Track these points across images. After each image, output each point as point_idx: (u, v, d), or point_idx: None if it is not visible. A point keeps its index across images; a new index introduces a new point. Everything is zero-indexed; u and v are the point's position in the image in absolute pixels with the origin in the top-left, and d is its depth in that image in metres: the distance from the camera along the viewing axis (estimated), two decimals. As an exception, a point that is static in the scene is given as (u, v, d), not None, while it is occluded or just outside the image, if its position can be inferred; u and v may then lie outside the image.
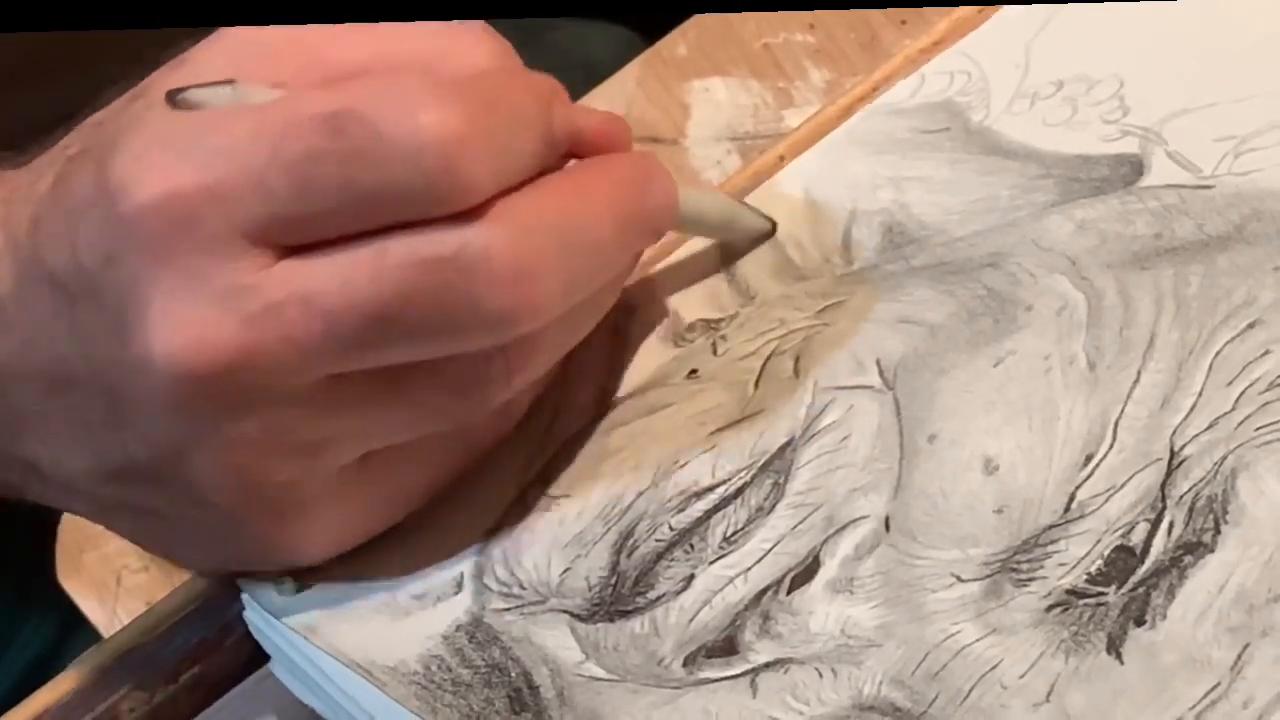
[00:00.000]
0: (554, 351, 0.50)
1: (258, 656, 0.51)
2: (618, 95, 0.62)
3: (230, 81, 0.47)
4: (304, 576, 0.51)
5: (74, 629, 0.75)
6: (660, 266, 0.56)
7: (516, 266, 0.46)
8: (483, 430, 0.51)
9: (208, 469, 0.47)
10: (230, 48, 0.48)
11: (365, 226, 0.46)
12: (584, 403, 0.53)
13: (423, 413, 0.48)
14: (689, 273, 0.55)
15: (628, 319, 0.55)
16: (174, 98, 0.47)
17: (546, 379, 0.52)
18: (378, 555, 0.51)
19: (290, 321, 0.45)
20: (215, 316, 0.45)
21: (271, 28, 0.48)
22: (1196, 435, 0.49)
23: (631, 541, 0.50)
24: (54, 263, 0.47)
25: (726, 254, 0.55)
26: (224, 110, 0.46)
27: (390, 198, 0.45)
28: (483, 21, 0.49)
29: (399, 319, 0.46)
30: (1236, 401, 0.49)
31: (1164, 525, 0.48)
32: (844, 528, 0.49)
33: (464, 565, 0.51)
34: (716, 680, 0.47)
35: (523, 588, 0.50)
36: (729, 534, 0.50)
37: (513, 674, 0.48)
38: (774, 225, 0.55)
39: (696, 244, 0.56)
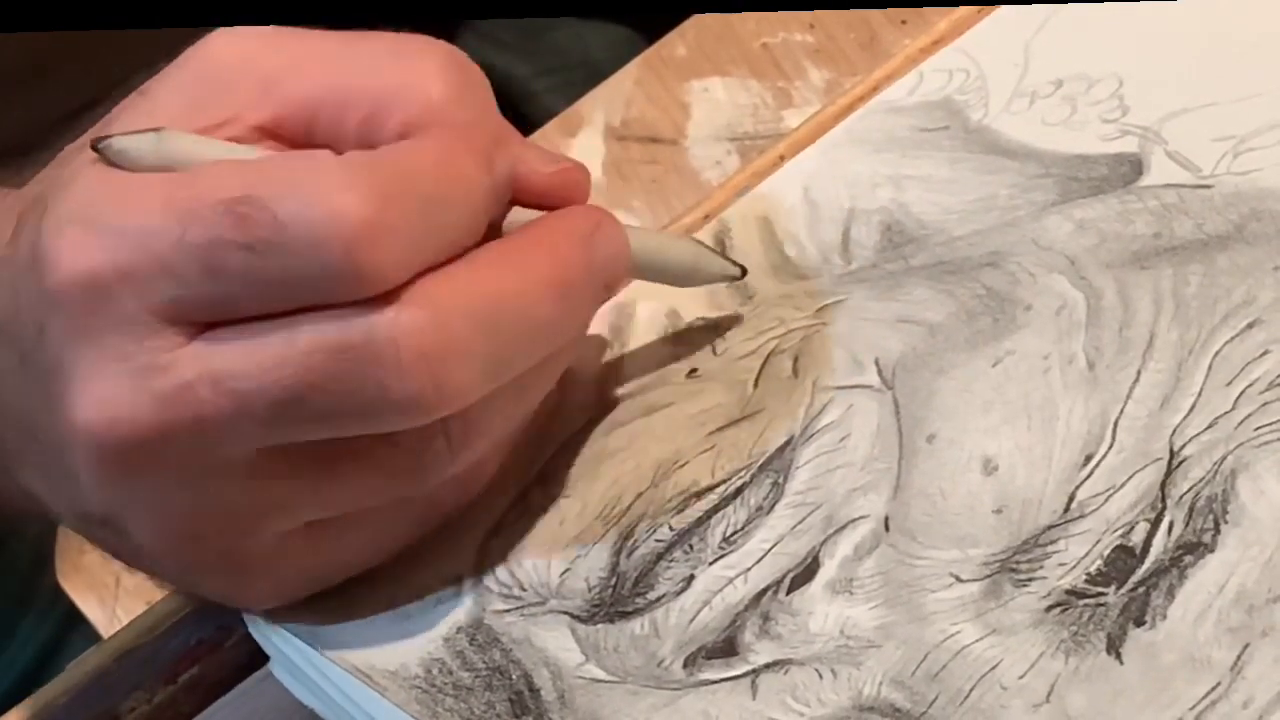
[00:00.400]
0: (502, 424, 0.49)
1: (257, 657, 0.51)
2: (617, 95, 0.62)
3: (157, 130, 0.47)
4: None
5: (73, 629, 0.75)
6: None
7: (426, 351, 0.45)
8: (440, 498, 0.50)
9: (145, 533, 0.48)
10: (187, 80, 0.48)
11: (275, 309, 0.45)
12: (583, 403, 0.53)
13: (359, 489, 0.48)
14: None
15: (627, 319, 0.55)
16: (97, 146, 0.47)
17: (514, 441, 0.52)
18: (378, 557, 0.51)
19: (201, 401, 0.45)
20: (129, 394, 0.45)
21: (229, 57, 0.48)
22: (1196, 435, 0.49)
23: (631, 542, 0.50)
24: (5, 317, 0.48)
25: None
26: (140, 182, 0.46)
27: (294, 285, 0.45)
28: (447, 46, 0.49)
29: (306, 402, 0.45)
30: (1236, 401, 0.49)
31: (1164, 525, 0.48)
32: (843, 528, 0.49)
33: (464, 566, 0.51)
34: (716, 681, 0.47)
35: (523, 589, 0.50)
36: (728, 534, 0.50)
37: (514, 676, 0.48)
38: (744, 271, 0.54)
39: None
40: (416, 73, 0.48)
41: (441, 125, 0.48)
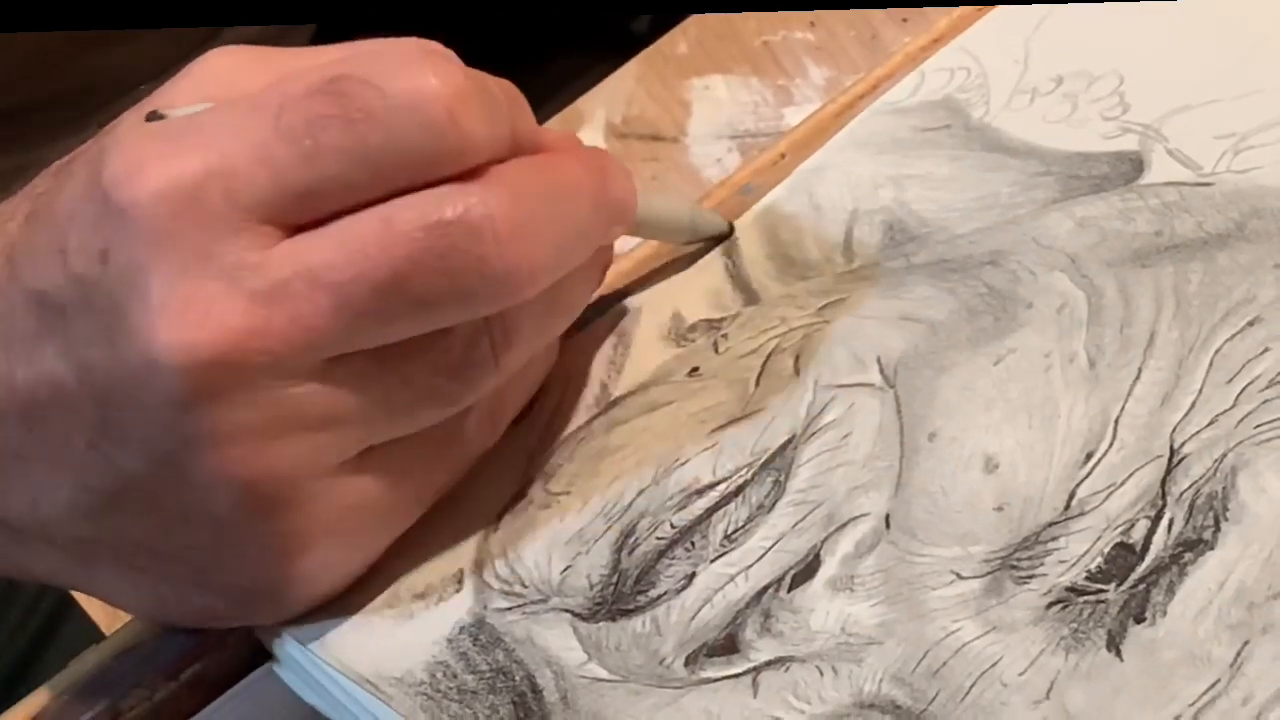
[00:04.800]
0: (535, 336, 0.50)
1: (259, 655, 0.51)
2: (618, 93, 0.63)
3: (212, 104, 0.47)
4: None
5: (62, 621, 0.74)
6: (662, 266, 0.56)
7: (517, 226, 0.46)
8: (470, 437, 0.51)
9: (210, 466, 0.46)
10: (198, 85, 0.48)
11: (371, 194, 0.45)
12: (585, 400, 0.53)
13: (418, 394, 0.48)
14: (691, 273, 0.55)
15: (629, 319, 0.55)
16: (156, 116, 0.46)
17: (531, 387, 0.52)
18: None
19: (298, 297, 0.45)
20: (221, 297, 0.45)
21: (236, 63, 0.48)
22: (1197, 433, 0.49)
23: (633, 539, 0.50)
24: (36, 281, 0.46)
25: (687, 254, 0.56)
26: (212, 107, 0.46)
27: (398, 157, 0.45)
28: (434, 43, 0.48)
29: (408, 286, 0.45)
30: (1237, 399, 0.49)
31: (1164, 523, 0.48)
32: (844, 525, 0.49)
33: (464, 561, 0.51)
34: (718, 680, 0.47)
35: (524, 585, 0.50)
36: (730, 532, 0.50)
37: (517, 678, 0.48)
38: (731, 228, 0.55)
39: (698, 252, 0.56)
40: (417, 60, 0.48)
41: None
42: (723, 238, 0.55)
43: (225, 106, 0.46)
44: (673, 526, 0.50)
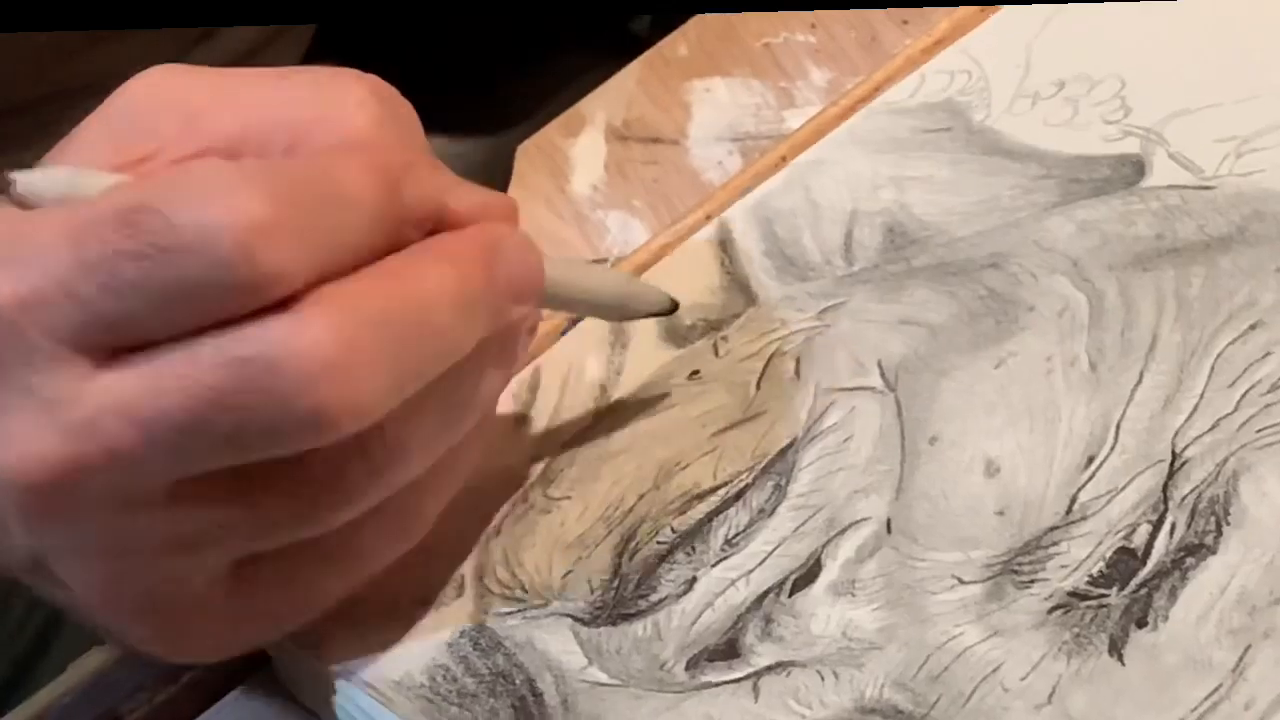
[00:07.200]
0: (429, 448, 0.47)
1: (258, 658, 0.51)
2: (619, 95, 0.62)
3: (68, 167, 0.46)
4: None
5: (65, 625, 0.74)
6: (659, 268, 0.56)
7: (330, 362, 0.43)
8: (363, 546, 0.49)
9: (72, 578, 0.46)
10: (110, 120, 0.47)
11: (179, 326, 0.44)
12: (585, 403, 0.53)
13: (275, 519, 0.46)
14: (688, 272, 0.55)
15: (629, 321, 0.55)
16: (5, 188, 0.45)
17: (458, 479, 0.50)
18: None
19: (109, 433, 0.44)
20: (37, 430, 0.44)
21: (150, 95, 0.47)
22: (1198, 437, 0.49)
23: (633, 544, 0.50)
24: None
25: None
26: (40, 213, 0.45)
27: (190, 294, 0.43)
28: (370, 78, 0.47)
29: (211, 424, 0.44)
30: (1238, 403, 0.49)
31: (1166, 527, 0.48)
32: (845, 530, 0.49)
33: (465, 567, 0.51)
34: (719, 684, 0.47)
35: (524, 590, 0.50)
36: (731, 536, 0.50)
37: (517, 681, 0.48)
38: (675, 305, 0.53)
39: (693, 247, 0.56)
40: (336, 104, 0.47)
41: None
42: (666, 313, 0.53)
43: (44, 219, 0.44)
44: (673, 531, 0.50)
